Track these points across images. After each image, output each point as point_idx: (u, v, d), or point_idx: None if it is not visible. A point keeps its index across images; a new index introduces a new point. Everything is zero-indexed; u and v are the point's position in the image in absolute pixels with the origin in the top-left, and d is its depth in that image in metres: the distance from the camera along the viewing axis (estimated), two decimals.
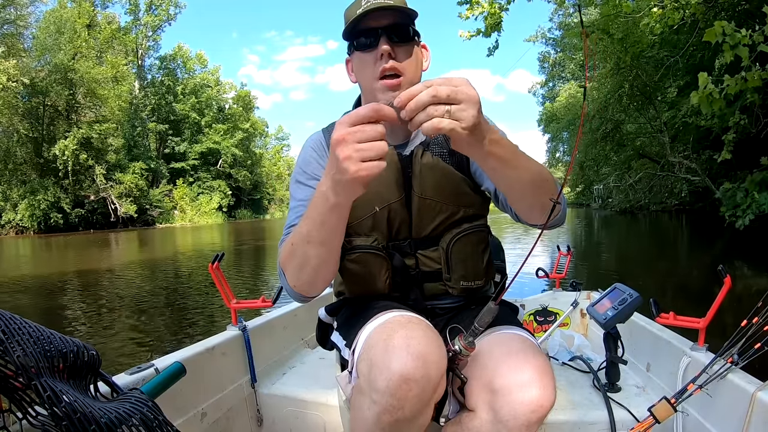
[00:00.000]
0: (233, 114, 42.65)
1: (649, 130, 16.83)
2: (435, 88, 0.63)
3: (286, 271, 0.89)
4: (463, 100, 0.64)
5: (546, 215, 0.79)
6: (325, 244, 0.82)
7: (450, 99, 0.64)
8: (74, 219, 27.68)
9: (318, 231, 0.80)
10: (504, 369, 0.79)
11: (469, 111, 0.64)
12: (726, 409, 1.00)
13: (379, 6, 0.93)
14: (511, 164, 0.76)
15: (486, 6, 7.65)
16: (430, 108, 0.63)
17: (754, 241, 8.34)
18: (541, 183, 0.80)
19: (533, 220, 0.88)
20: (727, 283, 1.09)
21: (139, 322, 4.44)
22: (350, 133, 0.65)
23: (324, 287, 0.93)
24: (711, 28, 4.49)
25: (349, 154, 0.65)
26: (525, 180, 0.79)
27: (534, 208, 0.84)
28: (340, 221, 0.79)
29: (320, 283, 0.90)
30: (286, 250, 0.88)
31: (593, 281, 4.75)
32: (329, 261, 0.86)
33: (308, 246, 0.82)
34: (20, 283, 7.49)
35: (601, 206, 27.60)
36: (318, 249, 0.82)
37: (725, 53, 4.60)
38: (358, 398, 0.78)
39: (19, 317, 0.60)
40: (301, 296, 0.91)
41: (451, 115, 0.63)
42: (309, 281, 0.88)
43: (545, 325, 1.87)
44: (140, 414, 0.62)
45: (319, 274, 0.87)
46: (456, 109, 0.64)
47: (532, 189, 0.80)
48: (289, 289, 0.91)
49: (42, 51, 27.25)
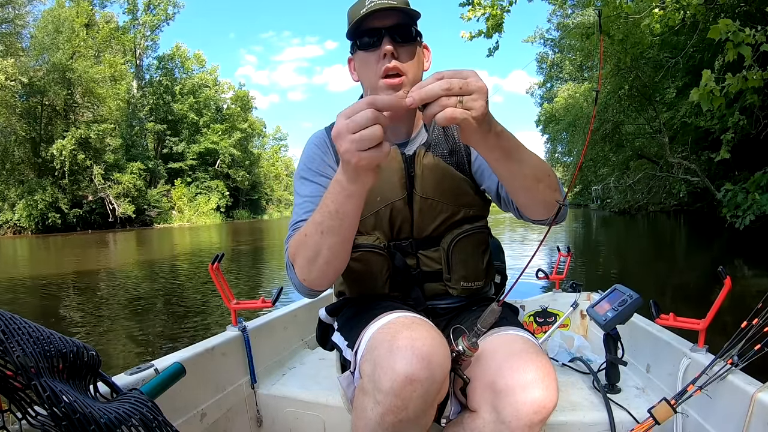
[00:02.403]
0: (231, 114, 42.61)
1: (648, 130, 16.87)
2: (447, 80, 0.65)
3: (295, 264, 0.88)
4: (474, 91, 0.65)
5: (549, 210, 0.81)
6: (339, 234, 0.81)
7: (462, 90, 0.65)
8: (72, 219, 27.59)
9: (332, 220, 0.79)
10: (507, 369, 0.79)
11: (480, 101, 0.65)
12: (726, 410, 1.00)
13: (383, 6, 0.94)
14: (514, 156, 0.77)
15: (488, 7, 7.68)
16: (443, 99, 0.65)
17: (754, 242, 8.37)
18: (543, 177, 0.81)
19: (536, 216, 0.88)
20: (727, 284, 1.09)
21: (138, 323, 4.42)
22: (345, 125, 0.66)
23: (333, 281, 0.92)
24: (715, 25, 4.51)
25: (346, 147, 0.66)
26: (527, 173, 0.79)
27: (537, 202, 0.84)
28: (354, 210, 0.78)
29: (331, 275, 0.88)
30: (297, 242, 0.87)
31: (593, 282, 4.77)
32: (341, 253, 0.85)
33: (321, 236, 0.81)
34: (19, 283, 7.46)
35: (600, 207, 27.65)
36: (331, 239, 0.81)
37: (728, 51, 4.62)
38: (361, 399, 0.78)
39: (18, 317, 0.59)
40: (310, 290, 0.90)
41: (464, 105, 0.65)
42: (320, 274, 0.86)
43: (545, 326, 1.87)
44: (140, 414, 0.62)
45: (331, 266, 0.86)
46: (468, 99, 0.65)
47: (534, 182, 0.81)
48: (297, 283, 0.89)
49: (40, 50, 27.16)
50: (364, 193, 0.76)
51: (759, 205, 8.47)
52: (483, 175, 1.03)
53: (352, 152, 0.66)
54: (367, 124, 0.65)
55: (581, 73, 22.80)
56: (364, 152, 0.66)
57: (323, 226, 0.80)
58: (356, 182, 0.73)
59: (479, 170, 1.04)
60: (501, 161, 0.77)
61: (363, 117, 0.65)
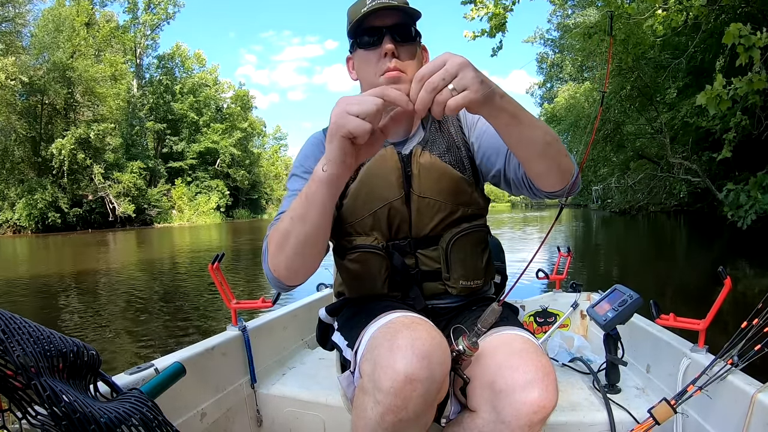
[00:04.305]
0: (231, 113, 42.58)
1: (649, 131, 16.86)
2: (430, 81, 0.66)
3: (268, 251, 0.88)
4: (457, 72, 0.66)
5: (564, 177, 0.83)
6: (307, 221, 0.80)
7: (446, 80, 0.65)
8: (72, 218, 27.58)
9: (302, 207, 0.79)
10: (506, 369, 0.79)
11: (467, 76, 0.66)
12: (726, 410, 1.00)
13: (385, 5, 0.94)
14: (522, 120, 0.76)
15: (491, 7, 7.69)
16: (437, 97, 0.66)
17: (755, 242, 8.37)
18: (552, 140, 0.81)
19: (551, 186, 0.87)
20: (727, 285, 1.09)
21: (138, 322, 4.42)
22: (349, 97, 0.69)
23: (302, 277, 0.89)
24: (728, 29, 4.56)
25: (340, 109, 0.68)
26: (537, 137, 0.79)
27: (551, 167, 0.83)
28: (323, 200, 0.77)
29: (299, 268, 0.86)
30: (273, 229, 0.87)
31: (593, 282, 4.76)
32: (307, 247, 0.83)
33: (291, 222, 0.81)
34: (18, 282, 7.46)
35: (600, 207, 27.64)
36: (300, 226, 0.80)
37: (740, 55, 4.64)
38: (361, 398, 0.77)
39: (19, 317, 0.59)
40: (278, 281, 0.88)
41: (457, 89, 0.66)
42: (287, 263, 0.85)
43: (545, 327, 1.87)
44: (140, 414, 0.62)
45: (298, 258, 0.84)
46: (456, 82, 0.66)
47: (545, 147, 0.80)
48: (267, 270, 0.88)
49: (40, 49, 27.15)
50: (337, 183, 0.76)
51: (761, 204, 8.48)
52: (489, 160, 1.01)
53: (342, 114, 0.67)
54: (371, 100, 0.67)
55: (581, 74, 22.78)
56: (355, 118, 0.66)
57: (294, 212, 0.81)
58: (333, 165, 0.72)
59: (485, 157, 1.02)
60: (511, 126, 0.76)
61: (370, 94, 0.68)
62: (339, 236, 1.08)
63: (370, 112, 0.66)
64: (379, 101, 0.67)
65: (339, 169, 0.72)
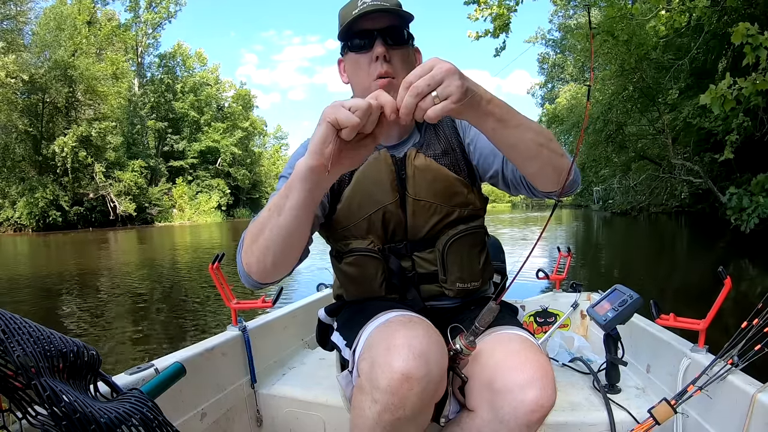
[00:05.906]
0: (232, 113, 42.55)
1: (650, 131, 16.85)
2: (414, 86, 0.65)
3: (243, 245, 0.85)
4: (443, 79, 0.65)
5: (559, 176, 0.81)
6: (282, 214, 0.76)
7: (431, 86, 0.65)
8: (73, 217, 27.57)
9: (280, 197, 0.76)
10: (505, 368, 0.79)
11: (452, 84, 0.65)
12: (726, 410, 1.00)
13: (376, 8, 0.93)
14: (510, 122, 0.75)
15: (495, 7, 7.69)
16: (420, 104, 0.65)
17: (756, 243, 8.36)
18: (545, 142, 0.79)
19: (547, 186, 0.86)
20: (727, 285, 1.09)
21: (138, 322, 4.43)
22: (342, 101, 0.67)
23: (274, 274, 0.85)
24: (736, 27, 4.56)
25: (331, 105, 0.67)
26: (528, 138, 0.78)
27: (544, 168, 0.82)
28: (302, 193, 0.73)
29: (269, 266, 0.82)
30: (250, 224, 0.85)
31: (593, 282, 4.76)
32: (282, 237, 0.79)
33: (268, 213, 0.79)
34: (18, 281, 7.47)
35: (601, 208, 27.62)
36: (276, 219, 0.77)
37: (747, 54, 4.64)
38: (359, 397, 0.78)
39: (19, 317, 0.59)
40: (249, 277, 0.85)
41: (440, 97, 0.65)
42: (259, 257, 0.81)
43: (545, 327, 1.87)
44: (140, 414, 0.62)
45: (270, 253, 0.80)
46: (441, 90, 0.65)
47: (537, 147, 0.79)
48: (240, 266, 0.86)
49: (42, 47, 27.12)
50: (313, 177, 0.71)
51: (763, 208, 8.48)
52: (486, 162, 1.01)
53: (335, 105, 0.66)
54: (362, 102, 0.65)
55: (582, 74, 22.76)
56: (346, 110, 0.65)
57: (272, 204, 0.79)
58: (311, 154, 0.69)
59: (481, 158, 1.02)
60: (498, 130, 0.75)
61: (355, 99, 0.67)
62: (335, 240, 1.08)
63: (361, 107, 0.65)
64: (372, 101, 0.66)
65: (316, 160, 0.69)
